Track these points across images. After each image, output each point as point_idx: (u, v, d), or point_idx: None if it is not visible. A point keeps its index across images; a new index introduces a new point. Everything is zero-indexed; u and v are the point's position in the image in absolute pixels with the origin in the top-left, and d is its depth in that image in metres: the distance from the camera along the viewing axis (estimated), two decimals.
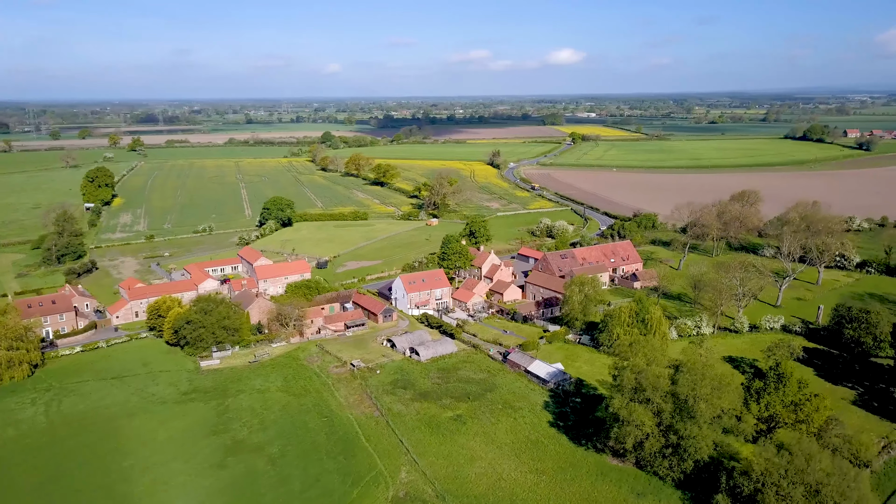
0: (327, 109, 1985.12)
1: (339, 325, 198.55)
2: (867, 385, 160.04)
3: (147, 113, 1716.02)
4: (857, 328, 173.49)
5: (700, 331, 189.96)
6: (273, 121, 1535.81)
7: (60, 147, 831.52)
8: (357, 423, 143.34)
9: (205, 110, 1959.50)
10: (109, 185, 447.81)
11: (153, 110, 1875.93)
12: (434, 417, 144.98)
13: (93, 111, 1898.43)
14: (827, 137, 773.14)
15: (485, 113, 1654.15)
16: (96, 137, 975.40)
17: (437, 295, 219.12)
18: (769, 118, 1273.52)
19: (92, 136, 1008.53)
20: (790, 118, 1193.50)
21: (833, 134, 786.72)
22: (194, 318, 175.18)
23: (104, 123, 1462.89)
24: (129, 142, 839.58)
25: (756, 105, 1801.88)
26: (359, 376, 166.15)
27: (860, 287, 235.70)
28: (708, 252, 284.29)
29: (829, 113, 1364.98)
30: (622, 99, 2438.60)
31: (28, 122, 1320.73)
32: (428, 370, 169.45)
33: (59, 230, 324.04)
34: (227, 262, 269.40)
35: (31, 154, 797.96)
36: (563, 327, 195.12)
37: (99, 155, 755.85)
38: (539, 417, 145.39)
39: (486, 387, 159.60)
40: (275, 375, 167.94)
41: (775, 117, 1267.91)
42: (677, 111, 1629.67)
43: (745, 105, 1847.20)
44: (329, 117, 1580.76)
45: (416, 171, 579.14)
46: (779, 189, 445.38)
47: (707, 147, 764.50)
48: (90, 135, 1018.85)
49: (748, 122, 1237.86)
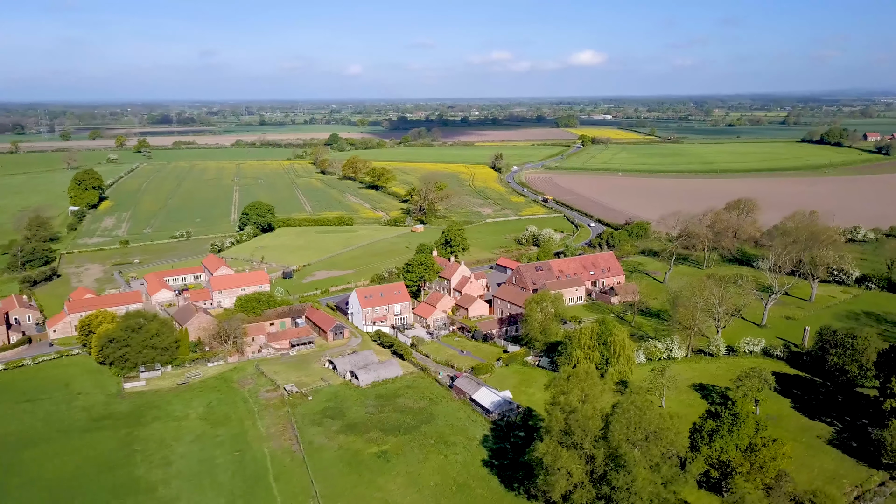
0: (343, 111, 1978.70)
1: (283, 343, 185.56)
2: (848, 421, 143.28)
3: (163, 114, 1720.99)
4: (842, 354, 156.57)
5: (671, 354, 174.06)
6: (287, 122, 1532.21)
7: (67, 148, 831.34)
8: (271, 458, 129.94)
9: (221, 111, 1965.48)
10: (97, 187, 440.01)
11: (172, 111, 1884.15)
12: (357, 454, 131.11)
13: (112, 112, 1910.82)
14: (845, 141, 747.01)
15: (500, 115, 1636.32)
16: (106, 139, 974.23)
17: (396, 310, 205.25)
18: (789, 121, 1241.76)
19: (102, 137, 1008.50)
20: (811, 121, 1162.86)
21: (852, 137, 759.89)
22: (118, 336, 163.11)
23: (121, 124, 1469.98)
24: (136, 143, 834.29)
25: (778, 107, 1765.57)
26: (288, 403, 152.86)
27: (857, 304, 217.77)
28: (699, 264, 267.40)
29: (853, 115, 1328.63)
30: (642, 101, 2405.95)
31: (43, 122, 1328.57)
32: (365, 397, 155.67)
33: (28, 235, 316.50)
34: (189, 270, 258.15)
35: (38, 155, 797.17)
36: (523, 348, 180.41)
37: (103, 156, 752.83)
38: (473, 455, 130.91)
39: (424, 417, 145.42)
40: (199, 400, 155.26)
41: (795, 120, 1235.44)
42: (696, 114, 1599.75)
43: (766, 107, 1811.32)
44: (343, 119, 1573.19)
45: (416, 174, 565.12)
46: (786, 195, 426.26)
47: (720, 151, 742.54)
48: (100, 136, 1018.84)
49: (767, 125, 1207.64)
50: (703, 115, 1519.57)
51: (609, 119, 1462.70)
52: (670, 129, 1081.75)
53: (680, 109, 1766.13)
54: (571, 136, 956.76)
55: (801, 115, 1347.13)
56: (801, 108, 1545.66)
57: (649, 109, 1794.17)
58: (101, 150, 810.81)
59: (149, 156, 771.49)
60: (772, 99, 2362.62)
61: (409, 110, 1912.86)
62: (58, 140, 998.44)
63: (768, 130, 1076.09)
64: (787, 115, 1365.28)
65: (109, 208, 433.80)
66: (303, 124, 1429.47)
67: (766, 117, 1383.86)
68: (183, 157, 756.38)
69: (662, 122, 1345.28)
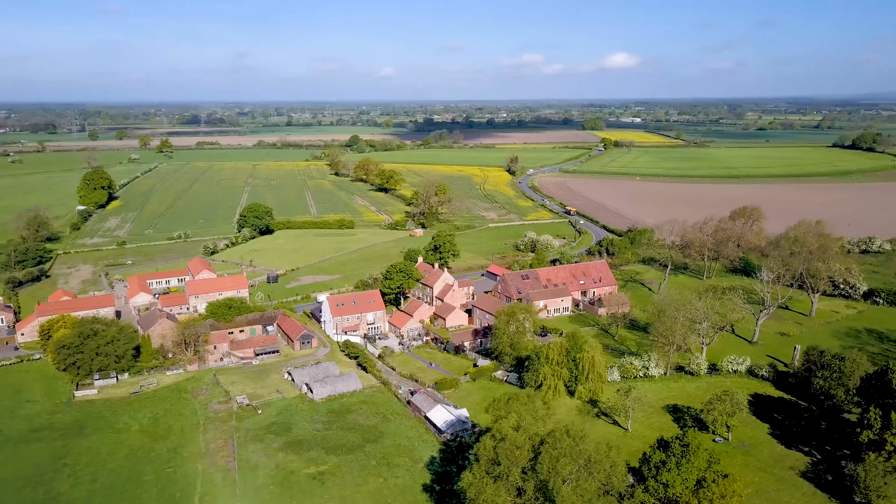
0: (372, 113, 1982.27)
1: (247, 352, 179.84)
2: (828, 451, 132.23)
3: (194, 115, 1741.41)
4: (829, 377, 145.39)
5: (648, 372, 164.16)
6: (313, 123, 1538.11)
7: (92, 148, 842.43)
8: (202, 477, 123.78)
9: (251, 112, 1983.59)
10: (106, 187, 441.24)
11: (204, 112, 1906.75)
12: (292, 474, 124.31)
13: (145, 112, 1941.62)
14: (878, 146, 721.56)
15: (527, 117, 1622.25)
16: (132, 139, 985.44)
17: (369, 319, 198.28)
18: (823, 125, 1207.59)
19: (129, 137, 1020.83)
20: (846, 125, 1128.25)
21: (885, 142, 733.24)
22: (70, 343, 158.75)
23: (151, 125, 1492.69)
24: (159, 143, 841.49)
25: (814, 111, 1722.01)
26: (236, 416, 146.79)
27: (861, 321, 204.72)
28: (699, 274, 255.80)
29: (892, 119, 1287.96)
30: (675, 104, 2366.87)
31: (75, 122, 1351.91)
32: (317, 411, 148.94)
33: (25, 234, 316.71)
34: (174, 273, 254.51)
35: (62, 154, 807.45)
36: (493, 362, 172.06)
37: (125, 156, 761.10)
38: (416, 478, 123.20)
39: (372, 435, 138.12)
40: (147, 410, 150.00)
41: (830, 124, 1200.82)
42: (728, 117, 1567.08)
43: (801, 111, 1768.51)
44: (370, 120, 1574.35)
45: (429, 176, 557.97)
46: (803, 202, 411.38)
47: (745, 155, 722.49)
48: (126, 136, 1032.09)
49: (799, 129, 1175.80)
50: (735, 119, 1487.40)
51: (637, 122, 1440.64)
52: (698, 133, 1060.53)
53: (712, 113, 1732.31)
54: (595, 139, 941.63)
55: (836, 119, 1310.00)
56: (838, 112, 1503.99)
57: (680, 112, 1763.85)
58: (124, 150, 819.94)
59: (170, 156, 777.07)
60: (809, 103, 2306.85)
61: (436, 112, 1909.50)
62: (85, 140, 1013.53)
63: (799, 135, 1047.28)
64: (822, 119, 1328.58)
65: (117, 208, 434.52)
66: (329, 125, 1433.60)
67: (799, 121, 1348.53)
68: (203, 158, 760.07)
69: (692, 125, 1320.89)
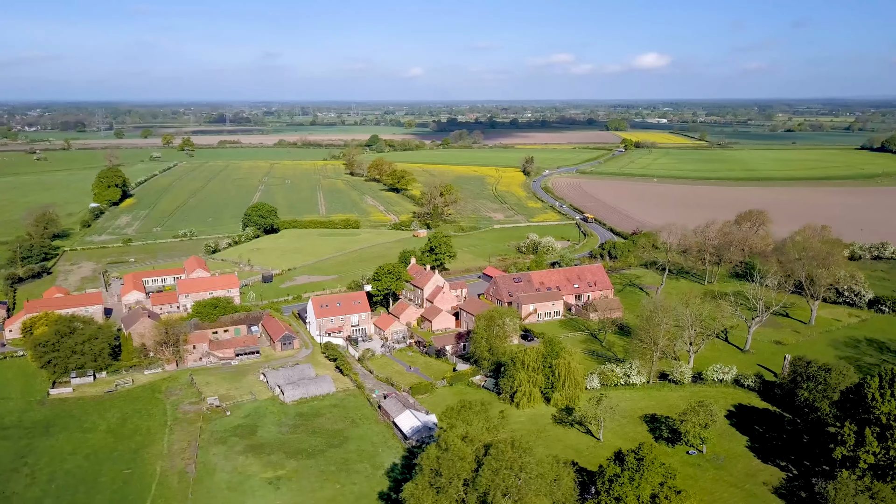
0: (397, 112, 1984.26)
1: (228, 352, 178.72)
2: (806, 466, 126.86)
3: (221, 114, 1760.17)
4: (813, 389, 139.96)
5: (629, 380, 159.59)
6: (337, 123, 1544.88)
7: (116, 146, 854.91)
8: (159, 479, 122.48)
9: (277, 111, 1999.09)
10: (119, 185, 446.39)
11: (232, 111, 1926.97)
12: (248, 478, 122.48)
13: (173, 112, 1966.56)
14: None
15: (551, 117, 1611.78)
16: (156, 137, 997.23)
17: (354, 321, 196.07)
18: (854, 127, 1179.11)
19: (154, 135, 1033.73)
20: (878, 127, 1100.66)
21: None
22: (47, 341, 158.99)
23: (178, 123, 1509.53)
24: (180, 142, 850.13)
25: (846, 112, 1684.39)
26: (205, 417, 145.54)
27: (862, 330, 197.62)
28: (701, 278, 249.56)
29: None
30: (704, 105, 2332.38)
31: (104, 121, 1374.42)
32: (286, 414, 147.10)
33: (31, 231, 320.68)
34: (171, 272, 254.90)
35: (87, 152, 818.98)
36: (473, 367, 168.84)
37: (147, 154, 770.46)
38: (373, 486, 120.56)
39: (337, 440, 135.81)
40: (117, 410, 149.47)
41: (861, 126, 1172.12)
42: (756, 118, 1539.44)
43: (833, 112, 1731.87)
44: (394, 120, 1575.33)
45: (444, 176, 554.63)
46: (819, 206, 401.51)
47: (768, 157, 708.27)
48: (151, 134, 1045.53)
49: (829, 131, 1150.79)
50: (764, 120, 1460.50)
51: (663, 123, 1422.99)
52: (724, 134, 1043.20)
53: (741, 114, 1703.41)
54: (618, 139, 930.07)
55: (869, 120, 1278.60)
56: (871, 114, 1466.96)
57: (708, 113, 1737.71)
58: (147, 149, 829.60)
59: (191, 154, 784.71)
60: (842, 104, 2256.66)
61: (461, 112, 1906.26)
62: (112, 138, 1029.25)
63: (828, 136, 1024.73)
64: (854, 120, 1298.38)
65: (130, 206, 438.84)
66: (352, 125, 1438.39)
67: (830, 123, 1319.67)
68: (223, 157, 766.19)
69: (718, 126, 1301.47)
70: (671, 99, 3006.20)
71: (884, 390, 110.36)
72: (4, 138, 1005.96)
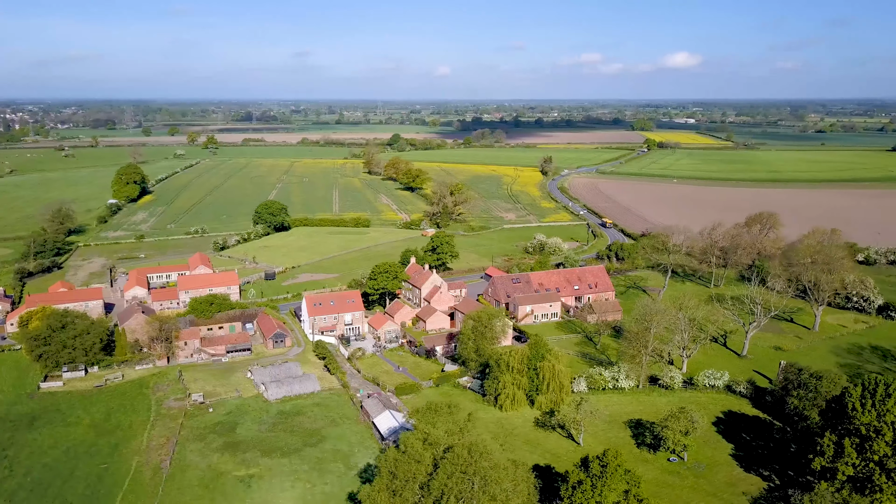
0: (424, 111, 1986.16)
1: (219, 349, 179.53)
2: (790, 475, 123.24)
3: (249, 112, 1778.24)
4: (803, 397, 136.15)
5: (617, 384, 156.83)
6: (363, 121, 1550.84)
7: (142, 144, 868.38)
8: (133, 475, 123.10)
9: (305, 110, 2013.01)
10: (138, 182, 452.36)
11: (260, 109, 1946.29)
12: (221, 476, 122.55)
13: (203, 110, 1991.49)
14: None
15: (577, 117, 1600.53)
16: (183, 135, 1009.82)
17: (347, 319, 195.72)
18: (888, 128, 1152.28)
19: (180, 133, 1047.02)
20: None
21: None
22: (39, 335, 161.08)
23: (207, 121, 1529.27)
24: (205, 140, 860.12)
25: (882, 113, 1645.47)
26: (187, 414, 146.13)
27: (868, 337, 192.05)
28: (708, 281, 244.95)
29: None
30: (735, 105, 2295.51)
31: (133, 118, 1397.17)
32: (267, 412, 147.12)
33: (46, 226, 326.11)
34: (176, 268, 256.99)
35: (114, 150, 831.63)
36: (461, 368, 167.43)
37: (171, 152, 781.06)
38: (344, 486, 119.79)
39: (314, 439, 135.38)
40: (103, 405, 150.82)
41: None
42: (788, 119, 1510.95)
43: (868, 112, 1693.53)
44: (419, 119, 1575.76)
45: (461, 176, 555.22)
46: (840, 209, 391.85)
47: (794, 159, 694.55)
48: (178, 132, 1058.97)
49: (861, 132, 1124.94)
50: (795, 121, 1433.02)
51: (690, 123, 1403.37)
52: (752, 135, 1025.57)
53: (772, 114, 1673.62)
54: (642, 139, 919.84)
55: None
56: None
57: (738, 114, 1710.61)
58: (172, 146, 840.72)
59: (214, 152, 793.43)
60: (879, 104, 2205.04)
61: (487, 111, 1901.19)
62: (139, 135, 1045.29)
63: (860, 138, 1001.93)
64: (889, 121, 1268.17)
65: (148, 203, 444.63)
66: (377, 124, 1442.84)
67: (863, 123, 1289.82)
68: (245, 154, 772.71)
69: (747, 126, 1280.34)
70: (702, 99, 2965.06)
71: (865, 400, 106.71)
72: (37, 135, 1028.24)
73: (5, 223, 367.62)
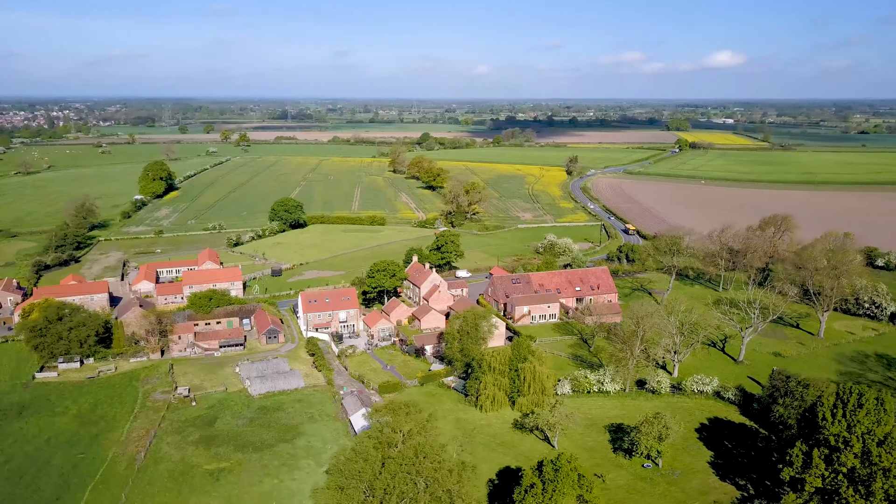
0: (458, 110, 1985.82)
1: (213, 343, 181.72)
2: (767, 485, 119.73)
3: (285, 110, 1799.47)
4: (789, 405, 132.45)
5: (602, 387, 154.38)
6: (396, 120, 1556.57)
7: (177, 141, 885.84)
8: (108, 466, 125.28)
9: (340, 108, 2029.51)
10: (164, 178, 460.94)
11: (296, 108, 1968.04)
12: (192, 469, 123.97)
13: (241, 108, 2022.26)
14: None
15: (612, 116, 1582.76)
16: (217, 133, 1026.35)
17: (342, 317, 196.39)
18: None
19: (215, 131, 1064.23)
20: None
21: None
22: (35, 326, 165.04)
23: (243, 119, 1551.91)
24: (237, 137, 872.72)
25: None
26: (171, 407, 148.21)
27: (874, 344, 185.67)
28: (717, 284, 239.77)
29: None
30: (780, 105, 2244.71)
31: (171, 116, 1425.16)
32: (249, 407, 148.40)
33: (69, 221, 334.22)
34: (186, 263, 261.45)
35: (149, 147, 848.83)
36: (447, 367, 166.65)
37: (204, 149, 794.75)
38: (312, 482, 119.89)
39: (289, 435, 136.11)
40: (90, 396, 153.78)
41: None
42: (831, 119, 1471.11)
43: None
44: (453, 118, 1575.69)
45: (486, 174, 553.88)
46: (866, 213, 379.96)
47: (831, 160, 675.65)
48: (213, 130, 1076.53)
49: None
50: (838, 121, 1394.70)
51: (728, 123, 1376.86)
52: (791, 136, 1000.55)
53: (814, 114, 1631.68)
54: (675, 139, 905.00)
55: None
56: None
57: (779, 114, 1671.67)
58: (206, 143, 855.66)
59: (246, 149, 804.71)
60: None
61: (522, 110, 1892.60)
62: (176, 133, 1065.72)
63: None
64: None
65: (172, 199, 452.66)
66: (411, 123, 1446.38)
67: None
68: (276, 152, 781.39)
69: (787, 127, 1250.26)
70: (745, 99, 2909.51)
71: (836, 410, 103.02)
72: (78, 132, 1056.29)
73: (35, 217, 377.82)
